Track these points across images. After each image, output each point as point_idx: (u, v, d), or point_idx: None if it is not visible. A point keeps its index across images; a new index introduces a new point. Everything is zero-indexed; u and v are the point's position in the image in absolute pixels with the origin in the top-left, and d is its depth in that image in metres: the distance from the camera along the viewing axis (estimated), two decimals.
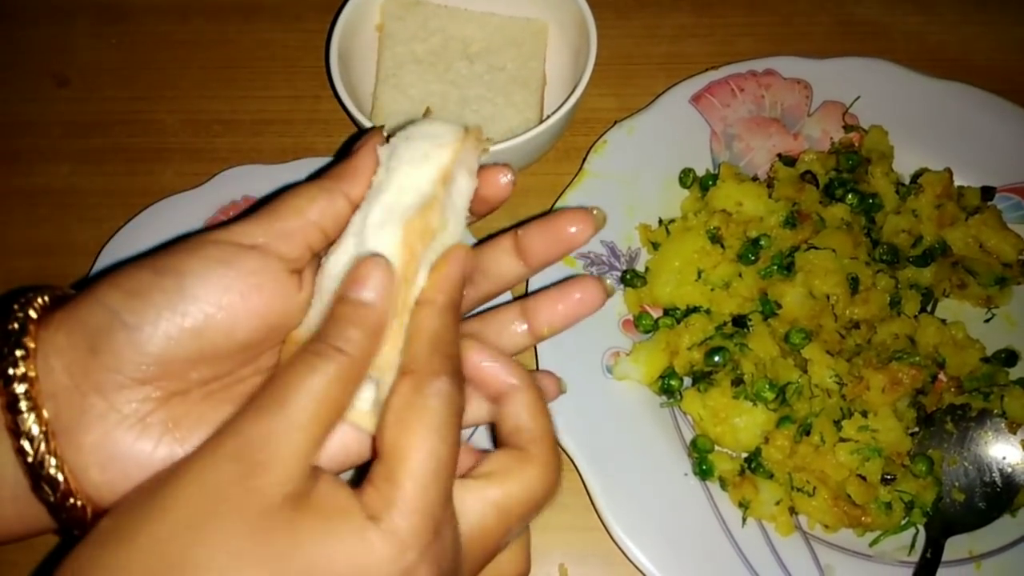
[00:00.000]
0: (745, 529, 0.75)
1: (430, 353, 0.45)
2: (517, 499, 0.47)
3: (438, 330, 0.46)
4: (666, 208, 0.88)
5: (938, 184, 0.84)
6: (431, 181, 0.49)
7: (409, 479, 0.42)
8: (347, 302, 0.45)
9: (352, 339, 0.44)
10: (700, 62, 0.95)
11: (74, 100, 1.01)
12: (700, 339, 0.80)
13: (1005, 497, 0.75)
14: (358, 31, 0.92)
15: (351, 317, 0.45)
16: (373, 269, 0.46)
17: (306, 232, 0.49)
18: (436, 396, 0.44)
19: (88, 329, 0.46)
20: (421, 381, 0.44)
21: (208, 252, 0.47)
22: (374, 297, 0.45)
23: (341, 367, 0.43)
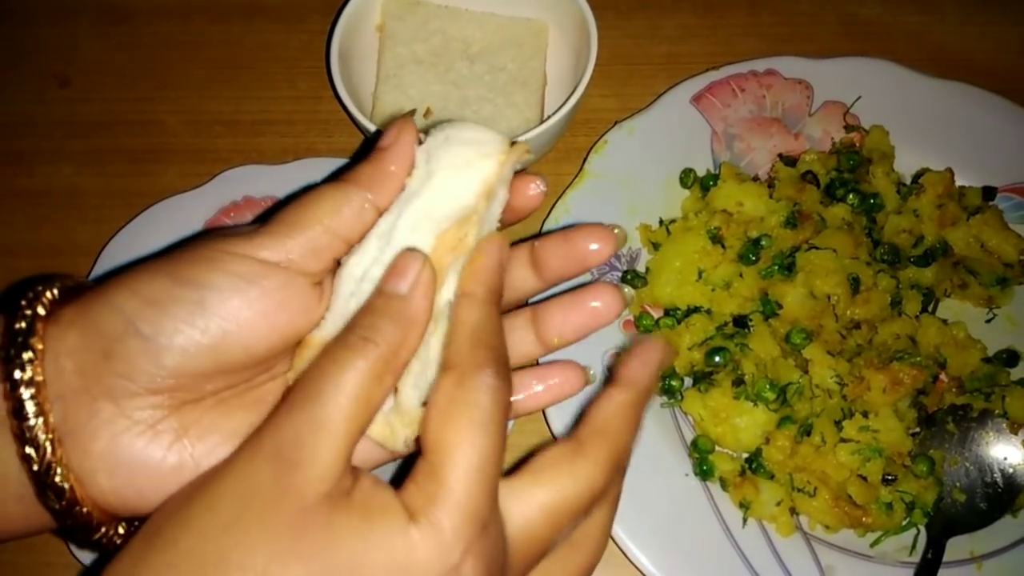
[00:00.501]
0: (746, 530, 0.75)
1: (472, 346, 0.44)
2: (565, 500, 0.45)
3: (480, 322, 0.45)
4: (667, 208, 0.88)
5: (939, 184, 0.84)
6: (474, 194, 0.47)
7: (454, 476, 0.41)
8: (382, 294, 0.44)
9: (383, 330, 0.43)
10: (701, 62, 0.95)
11: (76, 101, 1.01)
12: (701, 339, 0.80)
13: (1006, 497, 0.75)
14: (359, 32, 0.92)
15: (384, 309, 0.43)
16: (412, 263, 0.44)
17: (333, 247, 0.47)
18: (481, 390, 0.42)
19: (102, 334, 0.45)
20: (465, 375, 0.43)
21: (231, 267, 0.45)
22: (410, 290, 0.44)
23: (372, 361, 0.42)
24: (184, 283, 0.45)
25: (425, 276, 0.44)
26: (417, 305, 0.44)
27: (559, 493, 0.45)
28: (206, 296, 0.45)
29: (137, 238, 0.86)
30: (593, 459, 0.46)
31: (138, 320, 0.44)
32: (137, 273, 0.47)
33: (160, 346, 0.44)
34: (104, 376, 0.44)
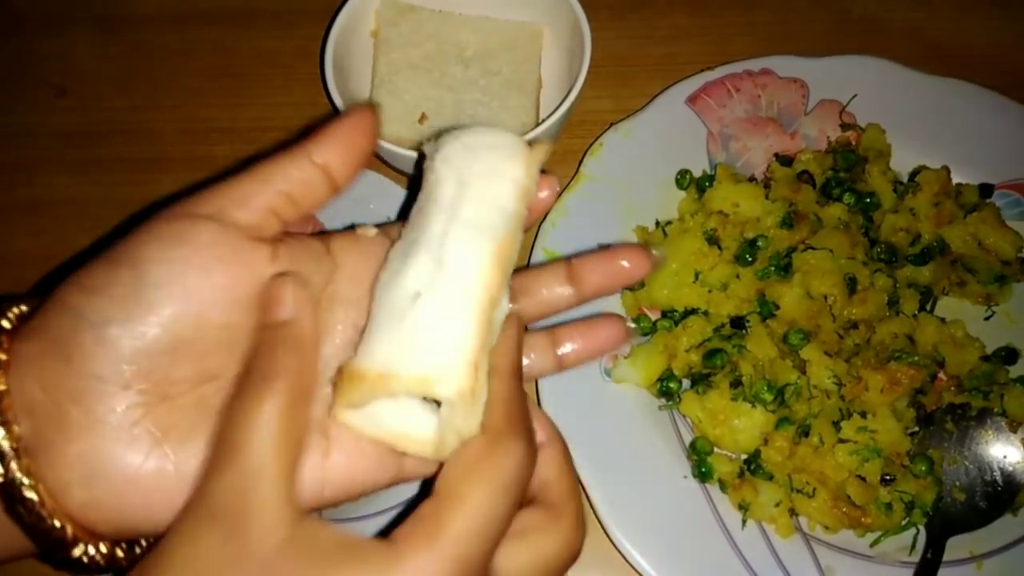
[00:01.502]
0: (745, 531, 0.75)
1: (508, 414, 0.46)
2: (554, 558, 0.48)
3: (511, 394, 0.47)
4: (663, 210, 0.88)
5: (936, 182, 0.84)
6: (512, 198, 0.47)
7: (458, 526, 0.41)
8: (266, 328, 0.44)
9: (280, 363, 0.42)
10: (696, 63, 0.95)
11: (73, 110, 1.01)
12: (698, 341, 0.80)
13: (1006, 496, 0.75)
14: (353, 37, 0.92)
15: (274, 341, 0.43)
16: (280, 287, 0.45)
17: (267, 197, 0.46)
18: (509, 457, 0.44)
19: (56, 335, 0.43)
20: (497, 439, 0.44)
21: (160, 231, 0.44)
22: (291, 312, 0.44)
23: (280, 396, 0.41)
24: (120, 262, 0.44)
25: (299, 295, 0.45)
26: (303, 326, 0.44)
27: (548, 550, 0.48)
28: (142, 269, 0.43)
29: None
30: (573, 519, 0.50)
31: (86, 311, 0.43)
32: (82, 266, 0.45)
33: (112, 334, 0.42)
34: (67, 379, 0.42)
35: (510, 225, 0.47)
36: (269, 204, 0.46)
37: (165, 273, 0.43)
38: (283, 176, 0.47)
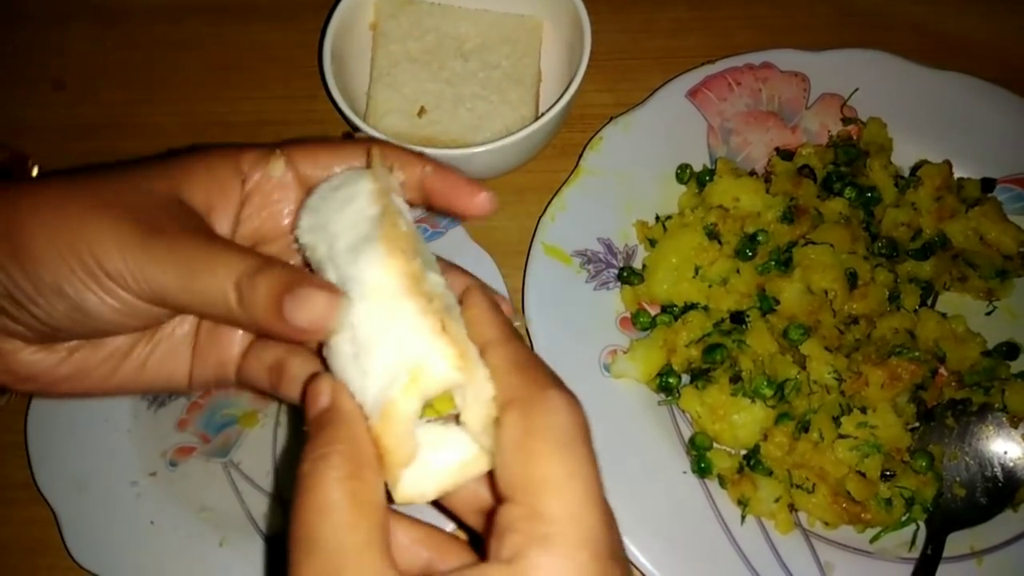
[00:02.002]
0: (744, 527, 0.75)
1: (522, 374, 0.42)
2: (568, 425, 0.41)
3: (514, 354, 0.43)
4: (663, 204, 0.87)
5: (937, 176, 0.83)
6: (370, 204, 0.47)
7: (562, 510, 0.37)
8: (312, 420, 0.44)
9: (332, 437, 0.42)
10: (697, 56, 0.95)
11: (71, 104, 1.01)
12: (698, 336, 0.80)
13: (1007, 492, 0.75)
14: (352, 30, 0.92)
15: (321, 423, 0.43)
16: (317, 384, 0.45)
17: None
18: (553, 411, 0.39)
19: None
20: (529, 401, 0.40)
21: (103, 294, 0.48)
22: (328, 398, 0.44)
23: (341, 464, 0.40)
24: (66, 293, 0.47)
25: (331, 383, 0.44)
26: (344, 404, 0.44)
27: (559, 422, 0.42)
28: (85, 307, 0.48)
29: None
30: (543, 384, 0.43)
31: (28, 304, 0.47)
32: (32, 245, 0.47)
33: (50, 324, 0.48)
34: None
35: (383, 221, 0.46)
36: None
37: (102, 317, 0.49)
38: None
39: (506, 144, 0.81)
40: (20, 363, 0.51)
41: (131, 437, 0.80)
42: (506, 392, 0.41)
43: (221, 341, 0.55)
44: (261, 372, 0.53)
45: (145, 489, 0.78)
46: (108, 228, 0.46)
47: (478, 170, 0.88)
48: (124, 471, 0.79)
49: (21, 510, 0.81)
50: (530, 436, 0.39)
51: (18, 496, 0.81)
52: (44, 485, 0.77)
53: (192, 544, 0.76)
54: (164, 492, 0.78)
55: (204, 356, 0.55)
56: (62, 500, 0.77)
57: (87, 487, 0.78)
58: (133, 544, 0.76)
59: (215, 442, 0.80)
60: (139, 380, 0.54)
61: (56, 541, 0.77)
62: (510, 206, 0.93)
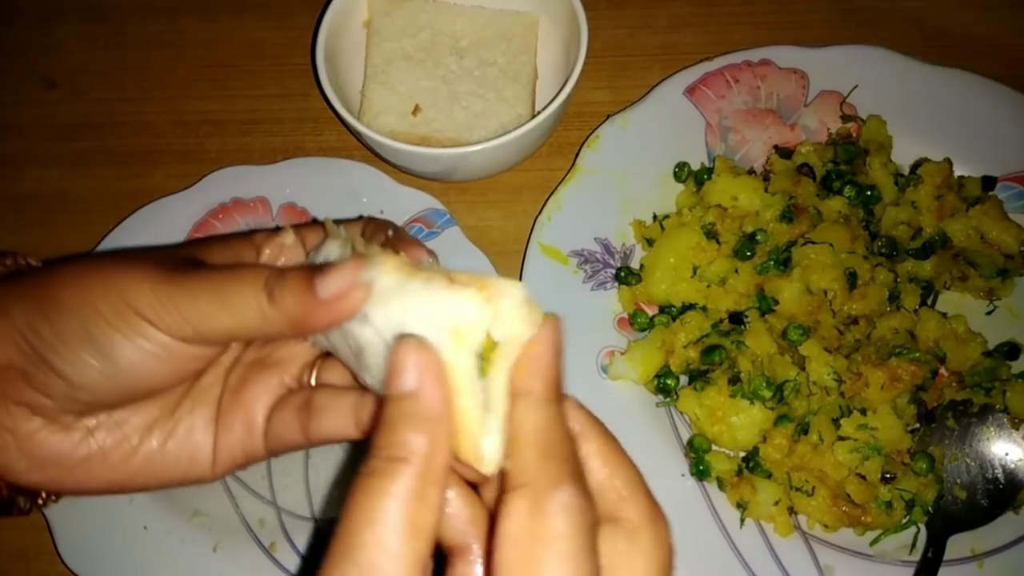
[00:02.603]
0: (743, 530, 0.74)
1: (542, 458, 0.38)
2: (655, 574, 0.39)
3: (545, 426, 0.39)
4: (661, 203, 0.86)
5: (938, 175, 0.82)
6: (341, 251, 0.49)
7: None
8: (390, 400, 0.39)
9: (408, 442, 0.38)
10: (695, 53, 0.94)
11: (62, 103, 1.00)
12: (696, 337, 0.79)
13: (1008, 494, 0.74)
14: (345, 28, 0.90)
15: (399, 416, 0.38)
16: (408, 351, 0.39)
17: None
18: (562, 514, 0.36)
19: (21, 353, 0.48)
20: (539, 496, 0.37)
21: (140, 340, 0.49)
22: (414, 382, 0.39)
23: (408, 480, 0.37)
24: (94, 337, 0.48)
25: (428, 359, 0.39)
26: (432, 397, 0.39)
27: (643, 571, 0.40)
28: (113, 353, 0.48)
29: (125, 241, 0.85)
30: (651, 526, 0.40)
31: (54, 357, 0.48)
32: (59, 296, 0.49)
33: (74, 382, 0.48)
34: (21, 390, 0.49)
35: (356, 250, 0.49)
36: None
37: (134, 364, 0.49)
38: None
39: (502, 142, 0.80)
40: (38, 444, 0.50)
41: None
42: (519, 472, 0.38)
43: (245, 403, 0.55)
44: (291, 421, 0.53)
45: (138, 494, 0.77)
46: (138, 276, 0.48)
47: (473, 169, 0.88)
48: None
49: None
50: (534, 538, 0.36)
51: None
52: None
53: (186, 550, 0.75)
54: (157, 497, 0.77)
55: (228, 424, 0.55)
56: (54, 505, 0.76)
57: None
58: (126, 550, 0.75)
59: None
60: (160, 464, 0.54)
61: (48, 547, 0.76)
62: (506, 205, 0.92)
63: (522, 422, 0.39)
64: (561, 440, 0.39)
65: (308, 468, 0.78)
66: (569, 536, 0.36)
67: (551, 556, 0.36)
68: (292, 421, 0.53)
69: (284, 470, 0.78)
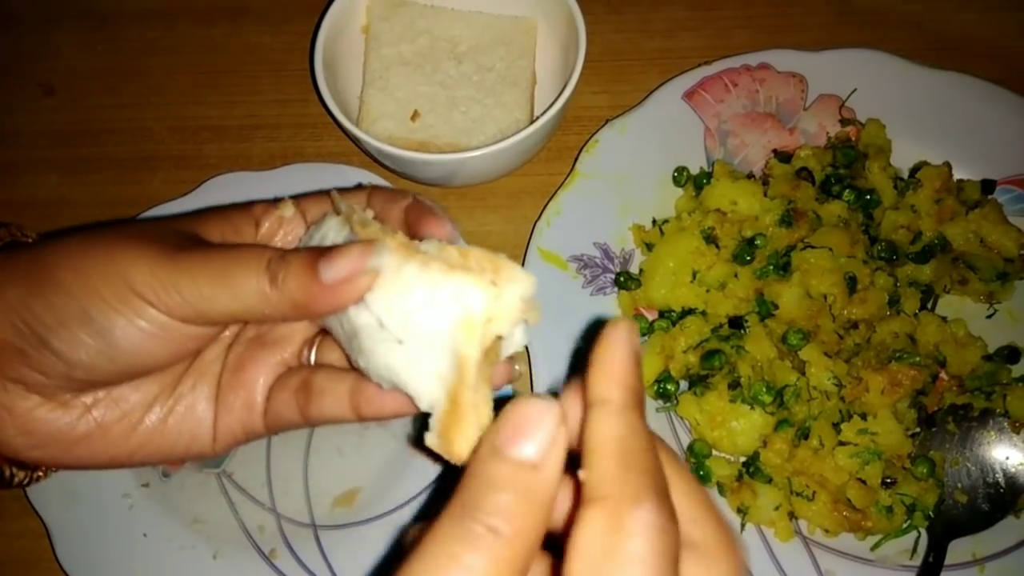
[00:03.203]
0: (744, 535, 0.74)
1: (623, 470, 0.35)
2: None
3: (626, 437, 0.36)
4: (660, 208, 0.86)
5: (937, 178, 0.82)
6: (340, 231, 0.50)
7: None
8: (504, 459, 0.35)
9: (513, 514, 0.34)
10: (694, 57, 0.94)
11: (60, 109, 1.00)
12: (696, 342, 0.79)
13: (1009, 498, 0.74)
14: (343, 33, 0.90)
15: (511, 484, 0.34)
16: (542, 417, 0.35)
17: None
18: (643, 534, 0.33)
19: (17, 333, 0.48)
20: (619, 513, 0.34)
21: (138, 319, 0.49)
22: (542, 456, 0.35)
23: (497, 558, 0.33)
24: (92, 318, 0.47)
25: (560, 436, 0.35)
26: (550, 478, 0.35)
27: None
28: (112, 334, 0.48)
29: None
30: (726, 552, 0.38)
31: (51, 337, 0.48)
32: (57, 276, 0.48)
33: (71, 362, 0.48)
34: (17, 368, 0.48)
35: (355, 230, 0.48)
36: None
37: (133, 343, 0.49)
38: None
39: (501, 148, 0.80)
40: (37, 421, 0.50)
41: None
42: (599, 484, 0.35)
43: (245, 383, 0.54)
44: (289, 402, 0.53)
45: (138, 501, 0.77)
46: (137, 253, 0.47)
47: (472, 174, 0.87)
48: (116, 483, 0.78)
49: (12, 522, 0.80)
50: (611, 559, 0.33)
51: (9, 508, 0.80)
52: (35, 497, 0.76)
53: (185, 557, 0.75)
54: (157, 504, 0.77)
55: (228, 403, 0.54)
56: (53, 512, 0.76)
57: (78, 499, 0.77)
58: (126, 557, 0.75)
59: None
60: (160, 440, 0.54)
61: (48, 553, 0.76)
62: (505, 210, 0.92)
63: (600, 432, 0.36)
64: (644, 452, 0.36)
65: (308, 475, 0.78)
66: (647, 559, 0.33)
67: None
68: (291, 402, 0.53)
69: (284, 476, 0.78)
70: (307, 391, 0.53)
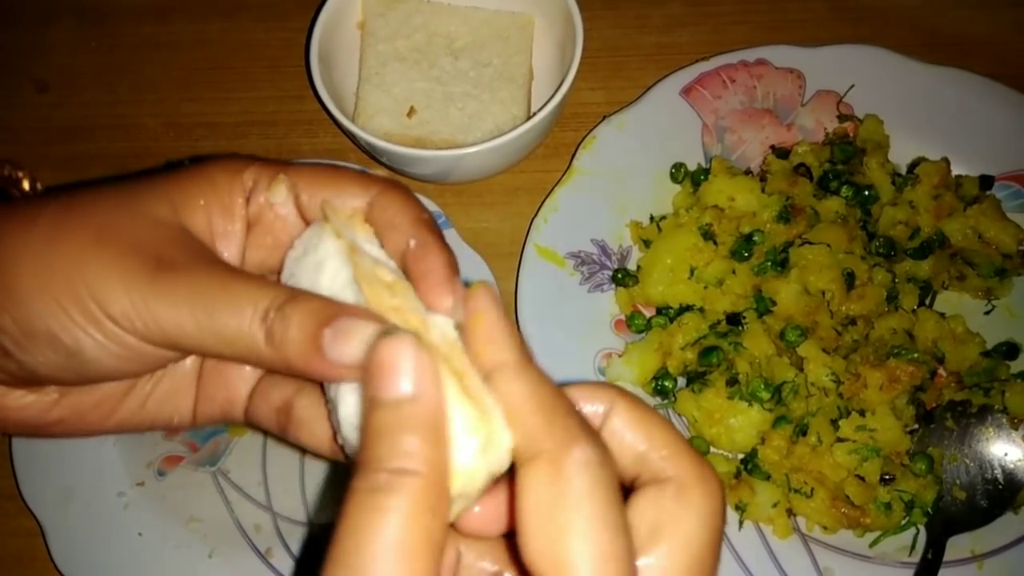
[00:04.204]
0: (742, 532, 0.74)
1: (547, 423, 0.35)
2: (701, 550, 0.36)
3: (536, 390, 0.36)
4: (658, 204, 0.86)
5: (935, 174, 0.82)
6: (343, 266, 0.42)
7: None
8: (383, 405, 0.35)
9: (414, 451, 0.34)
10: (691, 52, 0.94)
11: (54, 106, 0.99)
12: (694, 338, 0.79)
13: (1007, 494, 0.74)
14: (339, 29, 0.90)
15: (399, 423, 0.34)
16: (393, 351, 0.35)
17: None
18: (583, 472, 0.34)
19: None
20: (556, 460, 0.34)
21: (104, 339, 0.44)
22: (413, 384, 0.35)
23: (417, 494, 0.33)
24: (58, 338, 0.43)
25: (422, 359, 0.35)
26: (432, 401, 0.35)
27: (693, 546, 0.37)
28: (81, 355, 0.43)
29: None
30: (700, 483, 0.37)
31: (14, 349, 0.43)
32: (18, 285, 0.43)
33: (37, 374, 0.44)
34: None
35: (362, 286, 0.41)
36: None
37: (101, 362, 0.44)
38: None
39: (498, 144, 0.80)
40: (7, 408, 0.47)
41: (118, 447, 0.79)
42: (529, 443, 0.35)
43: (228, 379, 0.50)
44: (270, 417, 0.50)
45: (133, 499, 0.77)
46: (110, 265, 0.42)
47: (469, 171, 0.87)
48: (111, 481, 0.77)
49: (6, 521, 0.80)
50: (557, 502, 0.34)
51: (3, 507, 0.80)
52: (30, 496, 0.76)
53: (181, 556, 0.75)
54: (152, 502, 0.77)
55: (210, 395, 0.51)
56: (48, 511, 0.76)
57: (73, 498, 0.76)
58: (121, 556, 0.75)
59: (203, 451, 0.79)
60: (139, 419, 0.50)
61: (42, 553, 0.75)
62: (502, 207, 0.91)
63: (511, 394, 0.36)
64: (556, 398, 0.36)
65: (304, 473, 0.78)
66: (594, 495, 0.34)
67: (579, 519, 0.33)
68: (271, 418, 0.50)
69: (280, 475, 0.78)
70: (288, 414, 0.49)
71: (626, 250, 0.85)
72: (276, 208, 0.48)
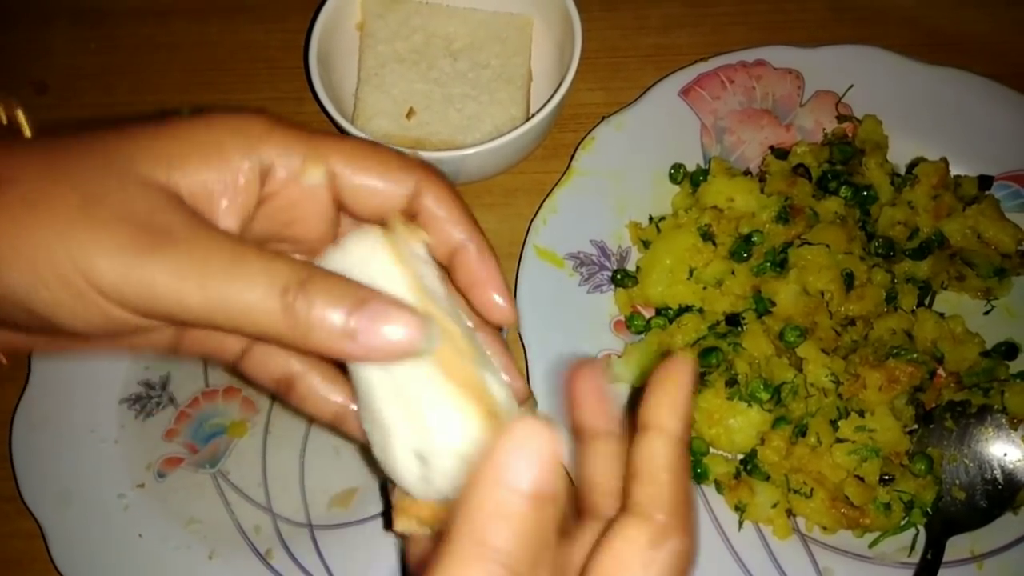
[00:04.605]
0: (742, 533, 0.74)
1: (675, 499, 0.38)
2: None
3: (679, 469, 0.39)
4: (657, 205, 0.86)
5: (934, 174, 0.82)
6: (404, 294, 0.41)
7: None
8: (511, 490, 0.34)
9: (523, 548, 0.33)
10: (690, 53, 0.93)
11: (53, 107, 0.99)
12: (693, 339, 0.79)
13: (1007, 495, 0.74)
14: (338, 30, 0.90)
15: (517, 514, 0.33)
16: (527, 437, 0.34)
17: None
18: (668, 559, 0.38)
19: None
20: (665, 536, 0.38)
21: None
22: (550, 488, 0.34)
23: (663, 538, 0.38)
24: (32, 306, 0.39)
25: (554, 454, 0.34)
26: (557, 508, 0.35)
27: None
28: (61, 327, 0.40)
29: None
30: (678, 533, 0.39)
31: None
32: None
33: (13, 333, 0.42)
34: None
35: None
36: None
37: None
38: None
39: (496, 145, 0.80)
40: None
41: (118, 448, 0.79)
42: (650, 504, 0.39)
43: (220, 335, 0.46)
44: (267, 380, 0.48)
45: (132, 501, 0.77)
46: (99, 234, 0.38)
47: (468, 172, 0.87)
48: (111, 483, 0.77)
49: (6, 523, 0.79)
50: (641, 564, 0.38)
51: (3, 509, 0.79)
52: (29, 498, 0.76)
53: (181, 557, 0.75)
54: (152, 504, 0.77)
55: (199, 339, 0.47)
56: (48, 513, 0.76)
57: (73, 499, 0.76)
58: (121, 557, 0.75)
59: (203, 452, 0.79)
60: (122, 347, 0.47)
61: (42, 554, 0.75)
62: (501, 208, 0.91)
63: (660, 455, 0.39)
64: (687, 485, 0.40)
65: (304, 474, 0.78)
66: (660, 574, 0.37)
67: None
68: (269, 382, 0.48)
69: (280, 476, 0.78)
70: (289, 385, 0.47)
71: (625, 251, 0.85)
72: (304, 188, 0.43)
